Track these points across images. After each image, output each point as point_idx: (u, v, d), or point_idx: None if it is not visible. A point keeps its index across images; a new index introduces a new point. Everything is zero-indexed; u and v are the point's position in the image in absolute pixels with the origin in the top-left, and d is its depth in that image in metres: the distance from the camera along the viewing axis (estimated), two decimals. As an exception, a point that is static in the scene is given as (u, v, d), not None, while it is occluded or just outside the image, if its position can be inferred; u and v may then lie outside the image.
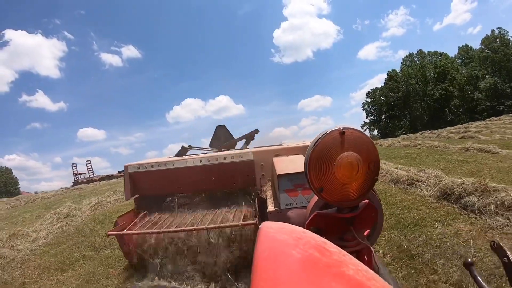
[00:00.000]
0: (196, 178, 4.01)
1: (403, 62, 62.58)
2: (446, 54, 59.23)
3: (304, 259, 0.65)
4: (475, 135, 17.72)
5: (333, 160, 1.16)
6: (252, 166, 3.88)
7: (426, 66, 57.83)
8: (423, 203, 5.91)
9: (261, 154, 3.89)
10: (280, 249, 0.68)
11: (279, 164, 2.96)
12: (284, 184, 2.47)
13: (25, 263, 5.95)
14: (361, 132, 1.19)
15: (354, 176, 1.18)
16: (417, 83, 57.60)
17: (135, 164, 4.13)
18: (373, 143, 1.21)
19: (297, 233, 0.77)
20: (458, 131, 22.47)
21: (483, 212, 4.81)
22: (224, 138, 6.07)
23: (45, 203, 15.21)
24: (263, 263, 0.64)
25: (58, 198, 17.42)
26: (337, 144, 1.16)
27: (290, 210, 2.37)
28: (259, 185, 3.82)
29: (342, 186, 1.19)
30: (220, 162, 3.93)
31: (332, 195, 1.20)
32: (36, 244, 7.15)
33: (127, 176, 4.09)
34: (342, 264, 0.65)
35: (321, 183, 1.18)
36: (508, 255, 0.97)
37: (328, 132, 1.16)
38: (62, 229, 8.22)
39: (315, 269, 0.61)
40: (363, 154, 1.17)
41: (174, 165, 4.03)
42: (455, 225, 4.71)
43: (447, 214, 5.16)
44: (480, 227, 4.45)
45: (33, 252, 6.59)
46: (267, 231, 0.76)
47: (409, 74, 58.63)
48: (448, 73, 54.24)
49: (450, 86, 53.63)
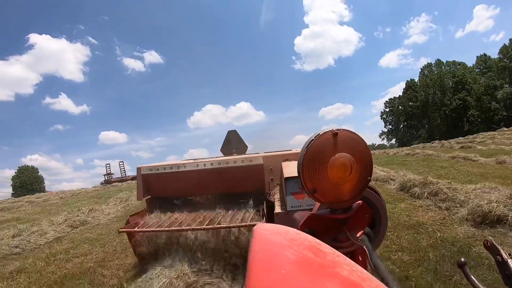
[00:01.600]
0: (206, 181, 3.98)
1: (421, 72, 61.34)
2: (464, 63, 57.78)
3: (298, 260, 0.62)
4: (474, 145, 19.45)
5: (326, 161, 1.11)
6: (262, 170, 3.83)
7: (444, 76, 56.27)
8: (387, 193, 8.48)
9: (270, 159, 3.84)
10: (274, 250, 0.65)
11: (287, 168, 2.91)
12: (291, 187, 2.43)
13: (106, 226, 8.59)
14: (354, 134, 1.13)
15: (347, 177, 1.12)
16: (435, 92, 56.04)
17: (148, 166, 4.12)
18: (366, 145, 1.15)
19: (291, 234, 0.74)
20: (464, 141, 24.11)
21: (420, 197, 7.26)
22: (235, 143, 5.97)
23: (92, 195, 18.61)
24: (257, 264, 0.60)
25: (101, 192, 21.30)
26: (330, 145, 1.11)
27: (296, 212, 2.28)
28: (268, 188, 3.77)
29: (335, 187, 1.13)
30: (231, 166, 3.90)
31: (325, 196, 1.14)
32: (110, 216, 10.06)
33: (139, 178, 4.08)
34: (336, 264, 0.63)
35: (314, 185, 1.13)
36: (501, 254, 0.95)
37: (321, 134, 1.11)
38: (125, 208, 11.53)
39: (309, 270, 0.59)
40: (356, 155, 1.12)
41: (186, 168, 3.98)
42: (399, 204, 7.08)
43: (398, 199, 7.68)
44: (413, 206, 6.80)
45: (109, 221, 9.39)
46: (261, 233, 0.72)
47: (427, 84, 57.27)
48: (466, 83, 52.50)
49: (467, 96, 51.95)
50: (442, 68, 58.59)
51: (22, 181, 57.79)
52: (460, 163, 12.52)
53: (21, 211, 14.33)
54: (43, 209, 14.09)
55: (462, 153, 14.43)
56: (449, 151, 17.80)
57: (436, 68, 59.52)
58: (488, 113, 50.82)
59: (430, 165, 13.01)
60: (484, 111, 51.09)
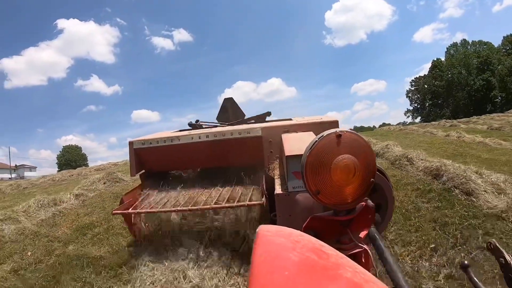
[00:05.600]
0: (202, 154, 3.70)
1: (447, 51, 58.42)
2: (490, 43, 54.57)
3: (301, 262, 0.61)
4: (468, 125, 19.93)
5: (330, 163, 1.07)
6: (260, 143, 3.48)
7: (469, 56, 53.41)
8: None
9: (270, 130, 3.49)
10: (277, 252, 0.64)
11: (288, 143, 2.65)
12: (293, 166, 2.19)
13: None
14: (357, 135, 1.09)
15: (350, 179, 1.08)
16: (460, 72, 53.28)
17: (140, 140, 3.80)
18: (370, 146, 1.10)
19: (294, 236, 0.72)
20: (469, 121, 24.46)
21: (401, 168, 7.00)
22: (232, 111, 5.48)
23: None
24: (260, 266, 0.60)
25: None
26: (333, 147, 1.07)
27: (298, 194, 2.12)
28: (267, 162, 3.42)
29: (338, 189, 1.09)
30: (227, 138, 3.55)
31: (329, 198, 1.10)
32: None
33: (132, 152, 3.77)
34: (339, 266, 0.62)
35: (317, 186, 1.09)
36: (504, 256, 0.93)
37: (325, 135, 1.07)
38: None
39: (312, 272, 0.58)
40: (360, 157, 1.07)
41: (180, 141, 3.64)
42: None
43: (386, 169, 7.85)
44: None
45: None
46: (264, 235, 0.70)
47: (452, 63, 54.48)
48: (490, 64, 49.76)
49: (491, 77, 49.30)
50: (468, 48, 55.74)
51: (66, 159, 60.58)
52: (443, 139, 13.15)
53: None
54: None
55: (441, 132, 15.62)
56: (444, 129, 18.75)
57: (462, 47, 56.60)
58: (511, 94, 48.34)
59: (419, 140, 13.59)
60: (508, 92, 48.62)
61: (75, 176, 16.15)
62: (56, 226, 5.60)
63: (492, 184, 4.77)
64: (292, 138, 2.91)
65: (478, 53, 52.69)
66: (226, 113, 5.48)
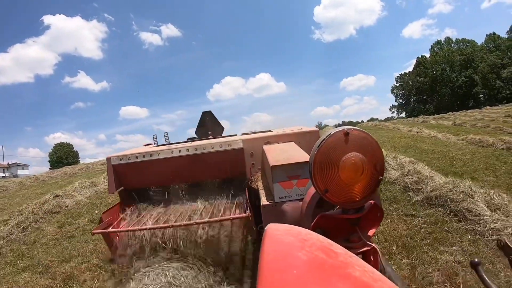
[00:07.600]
0: (183, 168, 3.55)
1: (432, 49, 59.08)
2: (473, 41, 55.46)
3: (310, 261, 0.60)
4: (438, 121, 21.16)
5: (338, 161, 1.03)
6: (242, 155, 3.39)
7: (453, 53, 54.12)
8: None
9: (251, 142, 3.40)
10: (286, 251, 0.64)
11: (271, 154, 2.59)
12: (278, 176, 2.14)
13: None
14: (365, 133, 1.06)
15: (358, 177, 1.05)
16: (444, 69, 54.07)
17: (118, 156, 3.64)
18: (378, 144, 1.07)
19: (303, 235, 0.71)
20: (443, 117, 26.40)
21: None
22: (210, 124, 5.28)
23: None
24: (269, 265, 0.59)
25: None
26: (341, 145, 1.03)
27: (285, 203, 2.06)
28: (250, 174, 3.36)
29: (347, 187, 1.06)
30: (208, 151, 3.42)
31: (337, 196, 1.07)
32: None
33: (110, 169, 3.58)
34: (348, 265, 0.61)
35: (326, 185, 1.05)
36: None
37: (332, 133, 1.04)
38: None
39: (321, 271, 0.58)
40: (368, 155, 1.05)
41: (159, 156, 3.50)
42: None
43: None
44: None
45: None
46: (272, 233, 0.70)
47: (436, 60, 55.23)
48: (473, 61, 50.54)
49: (473, 74, 50.12)
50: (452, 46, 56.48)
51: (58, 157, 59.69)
52: (402, 133, 14.39)
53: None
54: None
55: (405, 127, 17.04)
56: (412, 124, 20.15)
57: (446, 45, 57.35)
58: (492, 91, 49.50)
59: (383, 134, 14.67)
60: (490, 89, 49.68)
61: (84, 169, 17.79)
62: (102, 198, 7.82)
63: (399, 164, 7.01)
64: (274, 149, 2.86)
65: (461, 51, 53.38)
66: (204, 126, 5.30)
